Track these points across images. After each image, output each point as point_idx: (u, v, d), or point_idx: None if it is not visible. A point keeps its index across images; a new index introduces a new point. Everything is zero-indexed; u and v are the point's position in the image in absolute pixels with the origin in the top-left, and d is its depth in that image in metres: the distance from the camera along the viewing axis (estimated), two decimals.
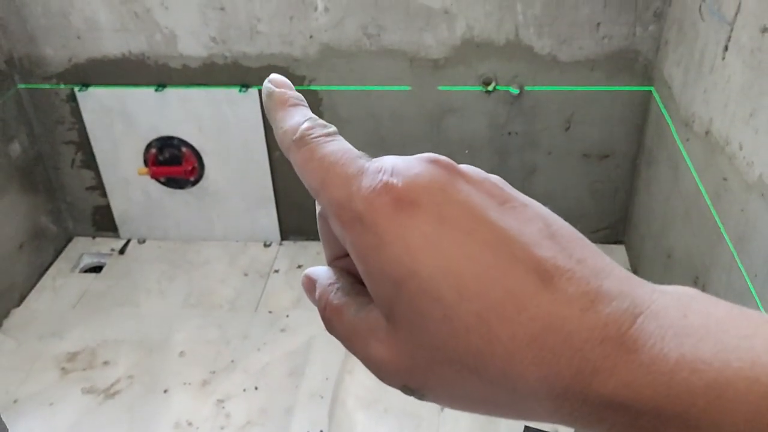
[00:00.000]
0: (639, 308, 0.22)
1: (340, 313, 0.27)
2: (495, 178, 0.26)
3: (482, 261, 0.22)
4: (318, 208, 0.29)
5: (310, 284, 0.29)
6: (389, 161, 0.25)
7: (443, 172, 0.25)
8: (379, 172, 0.25)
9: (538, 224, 0.24)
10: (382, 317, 0.24)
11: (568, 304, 0.22)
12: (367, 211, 0.24)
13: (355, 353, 0.26)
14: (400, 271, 0.23)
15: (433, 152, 0.26)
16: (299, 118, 0.28)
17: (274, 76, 0.30)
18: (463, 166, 0.26)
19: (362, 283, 0.26)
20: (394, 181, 0.24)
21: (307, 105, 0.30)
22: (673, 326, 0.21)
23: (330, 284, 0.28)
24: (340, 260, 0.29)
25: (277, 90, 0.30)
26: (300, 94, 0.30)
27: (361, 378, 1.72)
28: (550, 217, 0.25)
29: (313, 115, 0.28)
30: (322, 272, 0.29)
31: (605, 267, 0.23)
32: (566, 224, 0.25)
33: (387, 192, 0.24)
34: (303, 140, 0.27)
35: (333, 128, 0.28)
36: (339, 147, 0.27)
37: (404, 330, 0.24)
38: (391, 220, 0.23)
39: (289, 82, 0.30)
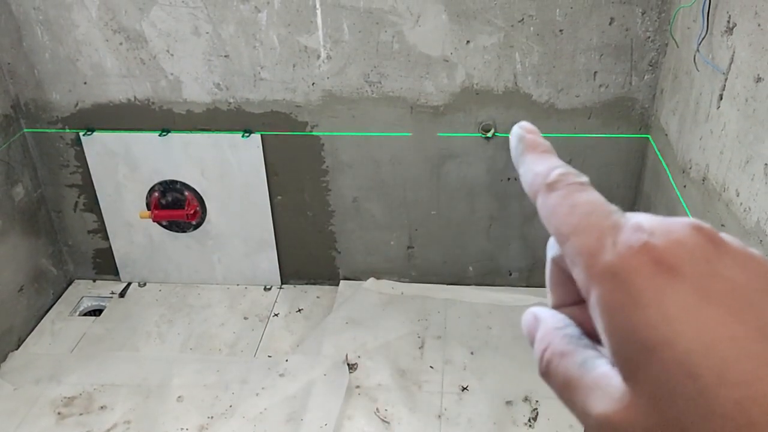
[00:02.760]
0: None
1: (564, 358, 0.25)
2: (760, 256, 0.24)
3: (748, 348, 0.21)
4: (551, 253, 0.28)
5: (533, 323, 0.27)
6: (648, 221, 0.24)
7: (707, 242, 0.23)
8: (638, 230, 0.23)
9: None
10: (616, 377, 0.23)
11: None
12: (622, 267, 0.23)
13: (569, 404, 0.24)
14: (653, 337, 0.21)
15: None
16: (551, 163, 0.28)
17: (524, 123, 0.31)
18: (727, 238, 0.24)
19: (590, 337, 0.25)
20: (655, 242, 0.23)
21: (556, 155, 0.29)
22: None
23: (557, 328, 0.26)
24: (566, 308, 0.28)
25: (529, 135, 0.30)
26: (549, 143, 0.30)
27: (360, 424, 1.70)
28: None
29: (565, 164, 0.28)
30: (550, 314, 0.27)
31: None
32: None
33: (646, 252, 0.22)
34: (556, 185, 0.27)
35: (586, 178, 0.27)
36: (593, 197, 0.26)
37: (646, 398, 0.22)
38: (649, 281, 0.22)
39: (537, 130, 0.30)
